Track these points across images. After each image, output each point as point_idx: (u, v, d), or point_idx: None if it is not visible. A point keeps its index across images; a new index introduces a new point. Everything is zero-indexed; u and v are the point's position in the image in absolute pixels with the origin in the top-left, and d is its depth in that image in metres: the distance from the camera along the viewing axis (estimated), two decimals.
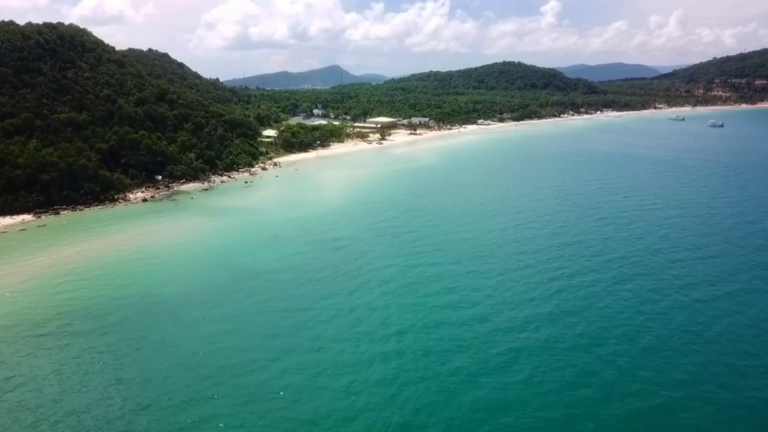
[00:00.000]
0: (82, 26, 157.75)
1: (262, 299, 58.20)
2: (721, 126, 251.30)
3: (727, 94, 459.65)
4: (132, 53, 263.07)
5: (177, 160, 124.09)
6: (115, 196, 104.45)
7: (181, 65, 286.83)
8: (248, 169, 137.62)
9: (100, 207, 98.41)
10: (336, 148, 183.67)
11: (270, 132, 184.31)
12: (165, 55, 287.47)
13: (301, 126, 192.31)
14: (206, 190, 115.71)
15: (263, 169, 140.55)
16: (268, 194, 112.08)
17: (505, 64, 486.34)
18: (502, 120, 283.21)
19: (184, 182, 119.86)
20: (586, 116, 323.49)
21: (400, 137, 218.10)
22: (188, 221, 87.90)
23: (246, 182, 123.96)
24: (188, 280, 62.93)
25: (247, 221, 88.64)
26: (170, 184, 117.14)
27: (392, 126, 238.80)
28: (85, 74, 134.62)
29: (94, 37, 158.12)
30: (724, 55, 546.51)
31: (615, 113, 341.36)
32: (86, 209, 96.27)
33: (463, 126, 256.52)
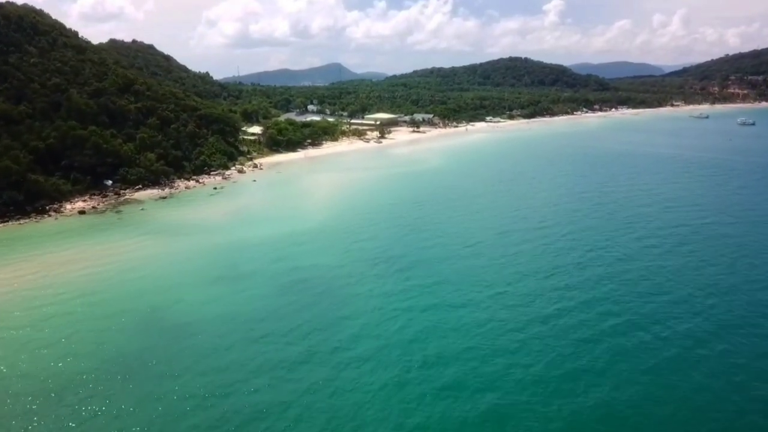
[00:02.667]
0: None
1: (172, 389, 37.99)
2: (753, 124, 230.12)
3: (745, 92, 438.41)
4: (114, 44, 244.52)
5: (133, 161, 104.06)
6: (47, 207, 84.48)
7: (167, 58, 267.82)
8: (222, 171, 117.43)
9: (22, 221, 78.43)
10: (329, 148, 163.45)
11: (256, 129, 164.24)
12: (150, 47, 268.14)
13: (290, 122, 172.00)
14: (164, 198, 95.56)
15: (240, 171, 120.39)
16: (238, 204, 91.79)
17: (511, 60, 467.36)
18: (512, 117, 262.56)
19: (139, 188, 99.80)
20: (600, 114, 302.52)
21: (401, 135, 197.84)
22: (123, 244, 67.64)
23: (215, 188, 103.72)
24: (74, 346, 42.61)
25: (201, 244, 68.42)
26: (122, 191, 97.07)
27: (393, 123, 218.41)
28: (32, 59, 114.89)
29: (52, 19, 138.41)
30: (726, 53, 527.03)
31: (631, 111, 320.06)
32: (2, 225, 76.24)
33: (471, 123, 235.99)
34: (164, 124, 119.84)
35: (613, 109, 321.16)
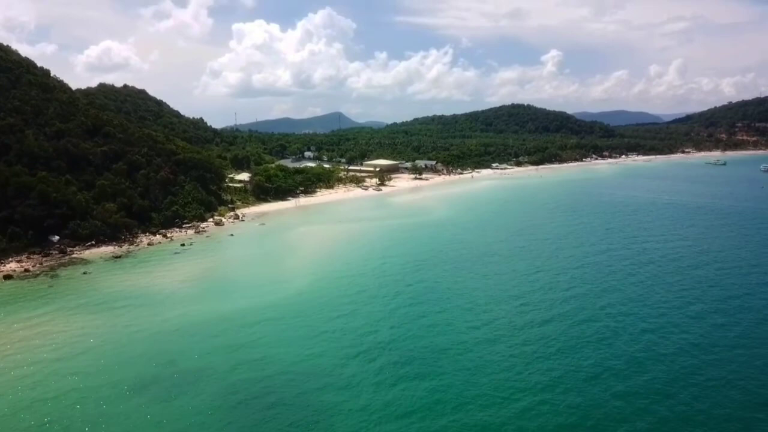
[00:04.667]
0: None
1: None
2: None
3: (754, 138, 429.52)
4: (103, 88, 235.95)
5: (88, 212, 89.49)
6: None
7: (159, 103, 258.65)
8: (196, 224, 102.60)
9: None
10: (323, 196, 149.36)
11: (244, 176, 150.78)
12: (141, 92, 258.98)
13: (281, 168, 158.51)
14: (118, 258, 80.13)
15: (218, 224, 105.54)
16: (203, 267, 76.17)
17: (513, 107, 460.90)
18: (519, 164, 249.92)
19: (92, 245, 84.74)
20: (611, 160, 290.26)
21: (402, 182, 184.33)
22: (33, 325, 51.74)
23: (183, 245, 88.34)
24: None
25: (141, 325, 52.55)
26: (69, 249, 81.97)
27: (393, 170, 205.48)
28: None
29: (18, 56, 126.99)
30: (729, 101, 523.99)
31: (642, 157, 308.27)
32: None
33: (476, 170, 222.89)
34: (133, 169, 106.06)
35: (623, 156, 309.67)
